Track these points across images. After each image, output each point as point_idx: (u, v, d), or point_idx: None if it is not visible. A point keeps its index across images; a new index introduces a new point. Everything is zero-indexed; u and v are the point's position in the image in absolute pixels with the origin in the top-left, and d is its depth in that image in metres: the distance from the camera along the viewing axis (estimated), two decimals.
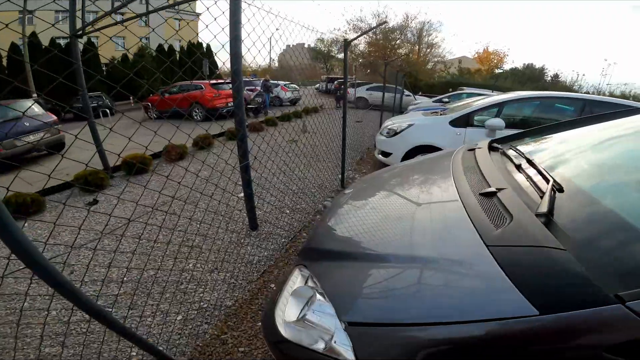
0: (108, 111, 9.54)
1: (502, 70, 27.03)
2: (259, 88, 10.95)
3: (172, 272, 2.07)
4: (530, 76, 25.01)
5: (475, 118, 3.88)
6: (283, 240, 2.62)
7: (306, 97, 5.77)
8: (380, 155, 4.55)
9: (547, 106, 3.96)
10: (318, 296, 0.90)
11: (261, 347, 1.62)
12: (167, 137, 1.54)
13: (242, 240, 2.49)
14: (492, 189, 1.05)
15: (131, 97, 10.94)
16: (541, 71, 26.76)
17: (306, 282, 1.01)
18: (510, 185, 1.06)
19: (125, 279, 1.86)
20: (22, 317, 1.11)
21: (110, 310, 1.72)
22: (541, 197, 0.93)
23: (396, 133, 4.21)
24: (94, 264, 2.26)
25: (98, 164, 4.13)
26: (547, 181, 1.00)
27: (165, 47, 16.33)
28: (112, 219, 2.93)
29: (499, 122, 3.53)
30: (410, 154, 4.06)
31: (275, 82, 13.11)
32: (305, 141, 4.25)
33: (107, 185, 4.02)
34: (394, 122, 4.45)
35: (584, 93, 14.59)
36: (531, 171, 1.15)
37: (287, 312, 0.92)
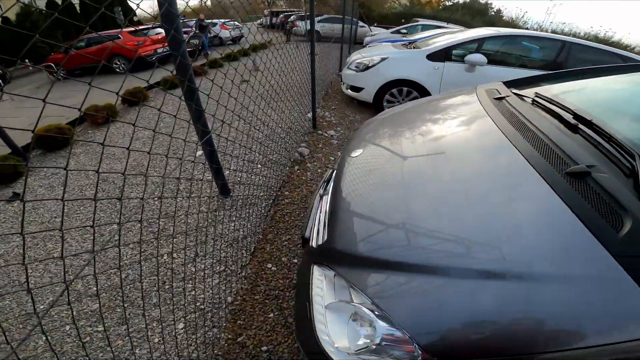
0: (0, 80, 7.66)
1: (451, 3, 26.52)
2: (192, 30, 9.48)
3: (146, 270, 1.66)
4: (478, 10, 24.83)
5: (454, 52, 3.67)
6: (264, 204, 2.24)
7: (250, 34, 4.85)
8: (349, 91, 4.18)
9: (527, 44, 3.75)
10: (377, 320, 0.73)
11: (283, 341, 1.40)
12: (83, 99, 0.96)
13: (217, 213, 2.07)
14: (582, 167, 0.81)
15: (25, 61, 8.84)
16: (486, 5, 26.72)
17: (330, 283, 0.87)
18: (595, 161, 0.85)
19: (94, 288, 1.42)
20: None
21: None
22: (628, 177, 0.78)
23: (368, 67, 3.87)
24: (49, 276, 1.74)
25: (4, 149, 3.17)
26: (632, 156, 0.81)
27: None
28: (45, 213, 2.30)
29: (480, 57, 3.39)
30: (384, 89, 3.81)
31: (211, 21, 11.56)
32: (259, 81, 3.58)
33: (24, 172, 3.15)
34: (363, 56, 4.06)
35: (528, 29, 14.88)
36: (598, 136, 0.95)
37: (332, 333, 0.78)
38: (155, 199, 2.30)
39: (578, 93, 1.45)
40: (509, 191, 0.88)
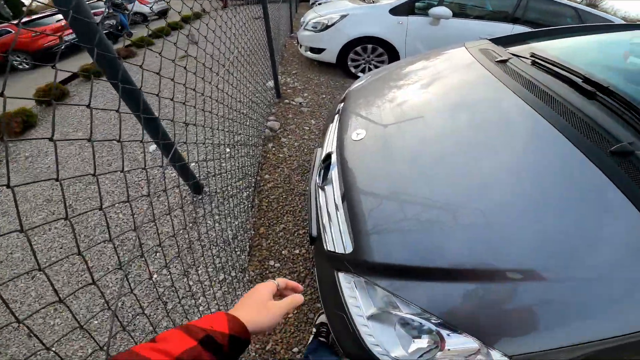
0: None
1: None
2: (102, 10, 8.07)
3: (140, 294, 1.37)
4: None
5: (417, 5, 3.40)
6: (245, 194, 1.96)
7: (178, 3, 4.11)
8: (309, 53, 3.80)
9: None
10: (437, 328, 0.68)
11: (308, 330, 1.31)
12: None
13: (195, 214, 1.76)
14: (626, 146, 0.76)
15: None
16: None
17: (364, 290, 0.80)
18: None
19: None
20: None
21: None
22: None
23: (327, 26, 3.52)
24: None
25: None
26: None
27: None
28: None
29: (445, 10, 3.18)
30: (347, 48, 3.52)
31: None
32: (200, 54, 3.08)
33: None
34: (320, 15, 3.66)
35: None
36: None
37: (384, 343, 0.72)
38: (118, 210, 1.92)
39: (574, 52, 1.43)
40: (560, 178, 0.77)
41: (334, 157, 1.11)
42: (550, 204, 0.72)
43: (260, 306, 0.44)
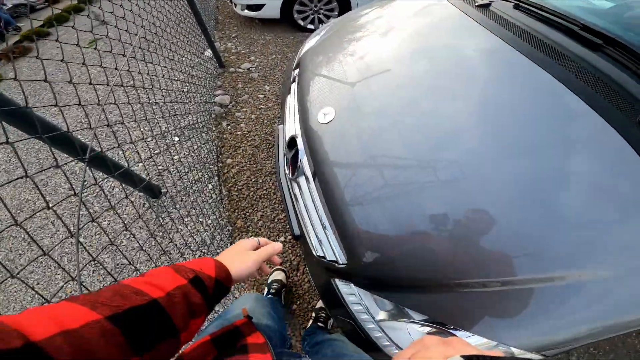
0: None
1: None
2: None
3: None
4: None
5: None
6: (210, 186, 1.75)
7: None
8: (247, 11, 3.31)
9: None
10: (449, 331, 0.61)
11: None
12: None
13: (160, 220, 1.55)
14: None
15: None
16: None
17: (367, 294, 0.72)
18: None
19: None
20: None
21: None
22: None
23: None
24: None
25: None
26: None
27: None
28: None
29: None
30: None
31: None
32: (114, 34, 2.55)
33: None
34: None
35: None
36: None
37: (401, 343, 0.66)
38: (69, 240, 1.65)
39: None
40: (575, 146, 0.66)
41: (300, 144, 0.92)
42: (543, 150, 0.65)
43: (242, 255, 0.47)
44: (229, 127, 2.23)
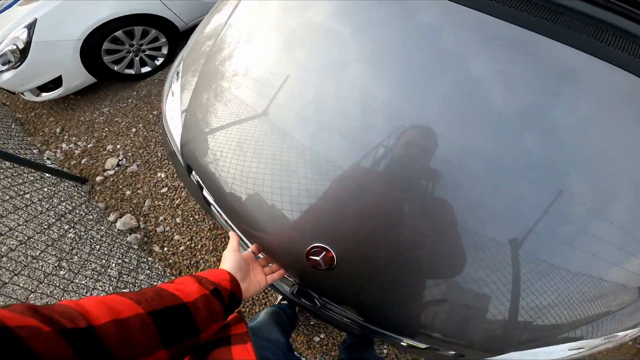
0: None
1: None
2: None
3: None
4: None
5: None
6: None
7: None
8: (46, 94, 2.45)
9: None
10: None
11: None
12: None
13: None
14: None
15: None
16: None
17: None
18: None
19: None
20: None
21: None
22: None
23: (24, 50, 2.06)
24: None
25: None
26: None
27: None
28: None
29: None
30: (91, 56, 2.26)
31: None
32: None
33: None
34: None
35: None
36: None
37: None
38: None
39: None
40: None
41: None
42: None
43: (250, 278, 0.56)
44: (165, 248, 1.83)
